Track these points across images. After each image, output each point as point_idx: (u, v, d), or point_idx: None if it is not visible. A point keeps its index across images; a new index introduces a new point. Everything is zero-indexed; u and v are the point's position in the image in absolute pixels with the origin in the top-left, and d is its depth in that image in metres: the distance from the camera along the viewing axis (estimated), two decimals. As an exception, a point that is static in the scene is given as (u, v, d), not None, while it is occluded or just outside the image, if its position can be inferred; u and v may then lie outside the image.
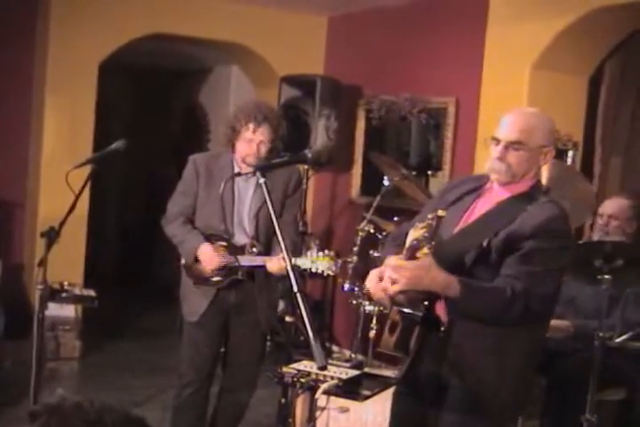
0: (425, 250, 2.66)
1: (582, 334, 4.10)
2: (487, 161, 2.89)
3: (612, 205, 4.43)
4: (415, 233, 2.72)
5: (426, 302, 2.76)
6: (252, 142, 3.97)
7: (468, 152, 5.63)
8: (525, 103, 5.18)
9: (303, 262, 3.85)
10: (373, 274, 2.78)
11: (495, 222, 2.80)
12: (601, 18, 4.97)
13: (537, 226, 2.72)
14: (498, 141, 2.83)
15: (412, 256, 2.67)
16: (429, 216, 2.73)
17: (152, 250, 9.13)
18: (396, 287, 2.63)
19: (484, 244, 2.76)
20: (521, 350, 2.85)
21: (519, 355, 2.85)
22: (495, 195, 2.91)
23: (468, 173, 5.34)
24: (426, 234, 2.68)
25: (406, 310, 2.79)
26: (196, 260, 4.06)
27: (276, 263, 3.89)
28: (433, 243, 2.68)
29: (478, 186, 2.97)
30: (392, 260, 2.71)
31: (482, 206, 2.91)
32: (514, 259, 2.73)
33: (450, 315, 2.78)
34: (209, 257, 4.01)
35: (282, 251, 2.66)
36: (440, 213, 2.72)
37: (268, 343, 6.25)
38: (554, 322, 4.06)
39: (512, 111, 2.92)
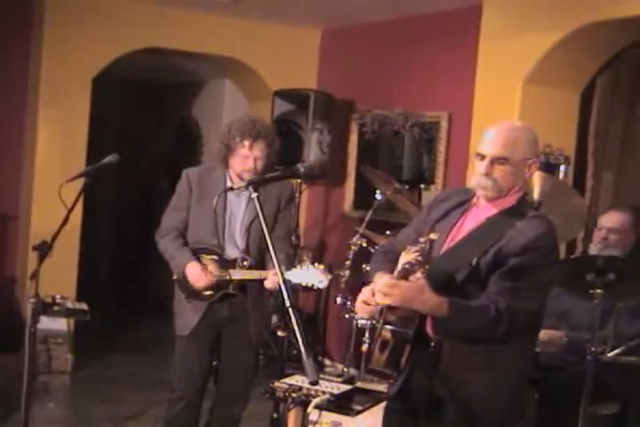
0: (418, 274, 2.65)
1: (575, 346, 4.10)
2: (473, 177, 2.89)
3: (613, 219, 4.43)
4: (407, 256, 2.69)
5: (417, 320, 2.76)
6: (247, 159, 3.96)
7: (460, 166, 5.63)
8: (517, 118, 5.19)
9: (293, 276, 3.84)
10: (366, 290, 2.79)
11: (484, 240, 2.79)
12: (593, 33, 5.00)
13: (525, 244, 2.71)
14: (482, 157, 2.83)
15: (404, 279, 2.66)
16: (421, 240, 2.71)
17: (146, 263, 9.12)
18: (387, 301, 2.63)
19: (474, 262, 2.75)
20: (511, 364, 2.85)
21: (510, 370, 2.84)
22: (483, 210, 2.90)
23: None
24: (419, 258, 2.66)
25: (397, 329, 2.79)
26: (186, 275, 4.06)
27: (271, 279, 3.89)
28: (426, 267, 2.67)
29: (464, 200, 2.97)
30: (385, 278, 2.70)
31: (470, 222, 2.90)
32: (497, 275, 2.72)
33: (437, 335, 2.77)
34: (196, 276, 4.00)
35: (274, 265, 2.66)
36: (432, 236, 2.71)
37: (261, 357, 6.26)
38: (547, 334, 4.07)
39: (494, 126, 2.90)
